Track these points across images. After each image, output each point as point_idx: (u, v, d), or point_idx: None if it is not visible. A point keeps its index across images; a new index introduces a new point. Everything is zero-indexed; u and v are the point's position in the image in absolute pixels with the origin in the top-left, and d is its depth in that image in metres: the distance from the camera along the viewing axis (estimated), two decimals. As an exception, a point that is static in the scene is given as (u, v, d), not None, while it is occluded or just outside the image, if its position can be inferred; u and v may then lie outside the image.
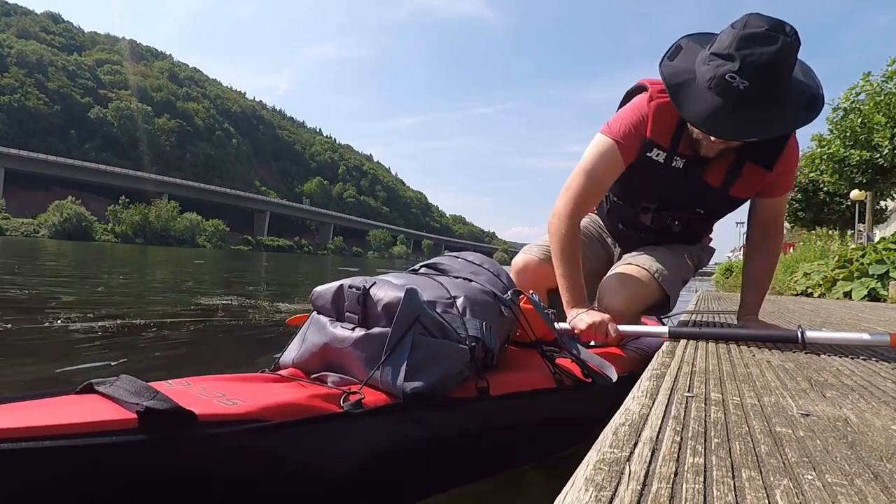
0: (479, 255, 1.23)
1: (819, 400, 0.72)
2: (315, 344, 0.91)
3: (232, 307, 4.18)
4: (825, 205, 13.64)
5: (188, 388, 0.74)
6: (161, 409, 0.60)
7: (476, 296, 1.00)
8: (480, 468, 1.00)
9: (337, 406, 0.77)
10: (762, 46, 0.96)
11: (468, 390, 0.92)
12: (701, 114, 1.01)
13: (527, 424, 1.05)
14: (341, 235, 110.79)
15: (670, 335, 1.26)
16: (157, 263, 12.66)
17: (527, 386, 1.03)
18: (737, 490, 0.40)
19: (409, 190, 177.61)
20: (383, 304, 0.86)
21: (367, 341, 0.86)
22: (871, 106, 8.32)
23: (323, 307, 0.95)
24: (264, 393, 0.75)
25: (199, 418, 0.63)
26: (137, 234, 59.94)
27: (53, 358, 2.03)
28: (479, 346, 0.92)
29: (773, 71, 0.97)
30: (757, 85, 0.96)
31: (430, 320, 0.87)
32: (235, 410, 0.67)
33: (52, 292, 4.56)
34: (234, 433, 0.64)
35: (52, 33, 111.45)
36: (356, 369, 0.86)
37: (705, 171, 1.23)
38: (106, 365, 2.00)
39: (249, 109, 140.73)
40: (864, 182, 9.53)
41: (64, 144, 79.44)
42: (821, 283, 5.99)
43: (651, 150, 1.20)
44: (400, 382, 0.81)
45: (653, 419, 0.57)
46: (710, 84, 1.00)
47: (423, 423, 0.84)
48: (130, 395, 0.62)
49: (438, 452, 0.89)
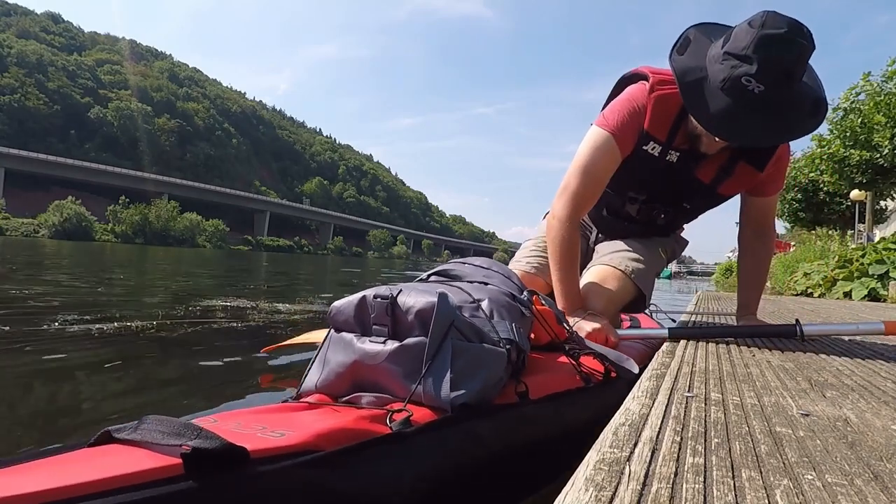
0: (485, 258, 1.20)
1: (819, 400, 0.72)
2: (342, 364, 0.84)
3: (231, 308, 4.18)
4: (825, 205, 13.64)
5: (218, 425, 0.66)
6: (210, 448, 0.52)
7: (498, 298, 0.97)
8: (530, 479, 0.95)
9: (385, 427, 0.71)
10: (781, 50, 0.93)
11: (508, 396, 0.88)
12: (714, 118, 0.99)
13: (565, 427, 1.00)
14: (341, 235, 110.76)
15: (670, 335, 1.26)
16: (157, 263, 12.66)
17: (561, 386, 1.00)
18: (737, 490, 0.40)
19: (409, 190, 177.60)
20: (415, 312, 0.81)
21: (404, 353, 0.80)
22: (871, 106, 8.32)
23: (345, 322, 0.88)
24: (304, 422, 0.69)
25: (252, 454, 0.56)
26: (137, 234, 59.95)
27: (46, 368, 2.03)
28: (514, 349, 0.89)
29: (789, 76, 0.95)
30: (772, 90, 0.94)
31: (465, 325, 0.84)
32: (286, 442, 0.61)
33: (51, 293, 4.56)
34: (291, 467, 0.58)
35: (52, 33, 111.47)
36: (394, 385, 0.80)
37: (698, 167, 1.21)
38: (99, 367, 2.00)
39: (249, 109, 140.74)
40: (864, 182, 9.53)
41: (64, 144, 79.45)
42: (821, 283, 5.99)
43: (647, 143, 1.17)
44: (446, 393, 0.76)
45: (653, 419, 0.58)
46: (724, 85, 0.96)
47: (473, 435, 0.79)
48: (166, 436, 0.54)
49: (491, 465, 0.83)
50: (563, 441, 1.00)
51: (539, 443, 0.94)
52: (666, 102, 1.13)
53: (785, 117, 0.99)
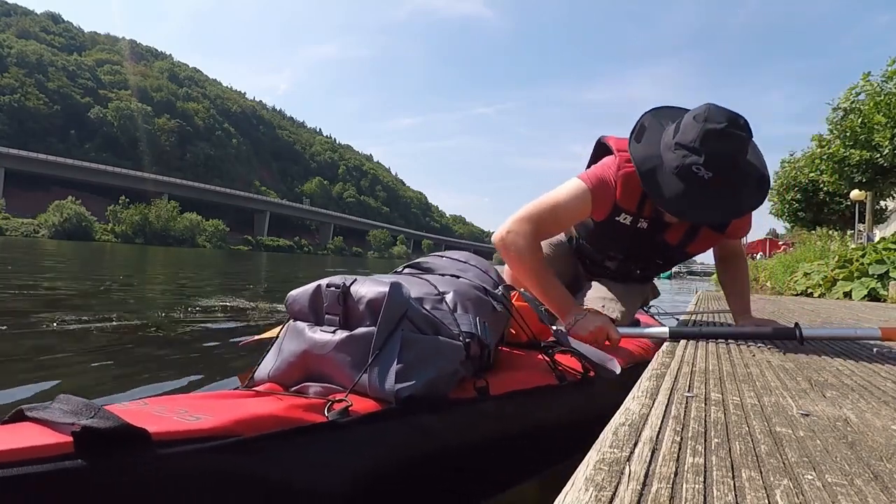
0: (466, 252, 1.18)
1: (819, 400, 0.72)
2: (293, 353, 0.82)
3: (230, 308, 4.18)
4: (825, 205, 13.63)
5: (144, 408, 0.64)
6: (102, 427, 0.50)
7: (466, 291, 0.94)
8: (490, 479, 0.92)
9: (321, 416, 0.69)
10: (723, 142, 1.07)
11: (466, 391, 0.85)
12: (670, 201, 1.12)
13: (532, 425, 0.98)
14: (341, 235, 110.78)
15: (670, 335, 1.26)
16: (156, 264, 12.65)
17: (528, 384, 0.97)
18: (737, 490, 0.40)
19: (409, 190, 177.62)
20: (366, 301, 0.79)
21: (351, 343, 0.78)
22: (871, 106, 8.31)
23: (300, 311, 0.86)
24: (235, 408, 0.66)
25: (154, 437, 0.53)
26: (137, 234, 59.96)
27: (35, 366, 2.02)
28: (475, 343, 0.86)
29: (732, 163, 1.10)
30: (719, 175, 1.08)
31: (418, 316, 0.82)
32: (199, 426, 0.58)
33: (49, 292, 4.56)
34: (199, 451, 0.56)
35: (52, 33, 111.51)
36: (341, 376, 0.78)
37: (666, 233, 1.34)
38: (85, 370, 2.00)
39: (249, 109, 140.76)
40: (864, 182, 9.53)
41: (64, 144, 79.48)
42: (821, 283, 5.99)
43: (619, 214, 1.29)
44: (391, 385, 0.74)
45: (653, 419, 0.57)
46: (677, 172, 1.11)
47: (420, 429, 0.77)
48: (66, 415, 0.52)
49: (441, 462, 0.81)
50: (528, 439, 0.97)
51: (501, 440, 0.91)
52: (633, 179, 1.22)
53: (732, 197, 1.13)
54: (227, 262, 17.78)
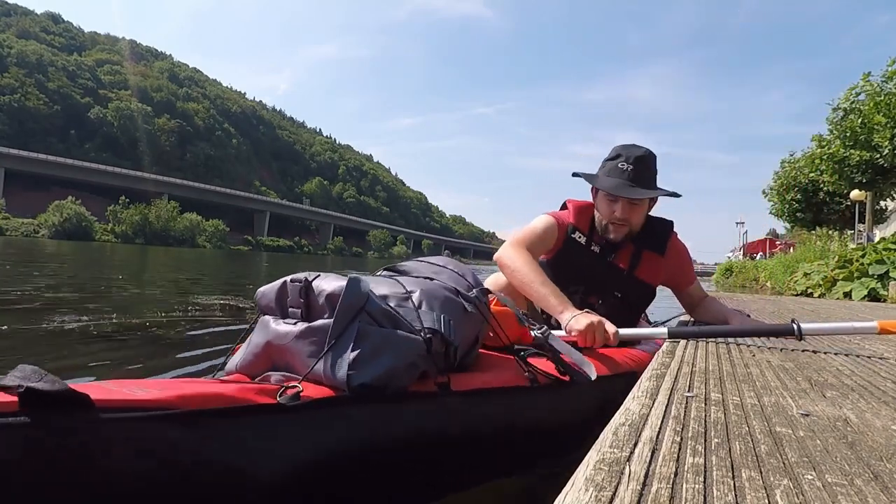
0: (445, 258, 1.19)
1: (819, 400, 0.72)
2: (257, 345, 0.87)
3: (229, 308, 4.18)
4: (825, 205, 13.64)
5: (96, 383, 0.67)
6: (46, 389, 0.54)
7: (434, 291, 0.95)
8: (447, 477, 0.92)
9: (272, 399, 0.71)
10: (632, 147, 1.53)
11: (427, 385, 0.87)
12: (605, 183, 1.51)
13: (496, 426, 0.98)
14: (341, 235, 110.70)
15: (670, 335, 1.26)
16: (157, 264, 12.65)
17: (494, 383, 0.97)
18: (737, 490, 0.40)
19: (409, 190, 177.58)
20: (326, 295, 0.83)
21: (310, 334, 0.82)
22: (872, 106, 8.32)
23: (268, 306, 0.90)
24: (184, 387, 0.68)
25: (97, 403, 0.57)
26: (137, 234, 59.91)
27: (38, 362, 2.02)
28: (437, 339, 0.87)
29: (644, 161, 1.49)
30: (635, 168, 1.48)
31: (378, 311, 0.84)
32: (142, 397, 0.61)
33: (48, 292, 4.56)
34: (138, 419, 0.59)
35: (52, 33, 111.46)
36: (300, 365, 0.82)
37: (616, 256, 1.58)
38: (93, 365, 2.00)
39: (249, 109, 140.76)
40: (864, 182, 9.54)
41: (64, 144, 79.44)
42: (821, 283, 6.00)
43: (574, 232, 1.59)
44: (342, 374, 0.76)
45: (653, 419, 0.57)
46: (608, 172, 1.52)
47: (370, 419, 0.78)
48: (19, 379, 0.56)
49: (394, 454, 0.82)
50: (491, 439, 0.97)
51: (461, 438, 0.92)
52: (583, 209, 1.61)
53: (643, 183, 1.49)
54: (227, 262, 17.78)
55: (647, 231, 1.59)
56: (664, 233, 1.61)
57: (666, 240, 1.61)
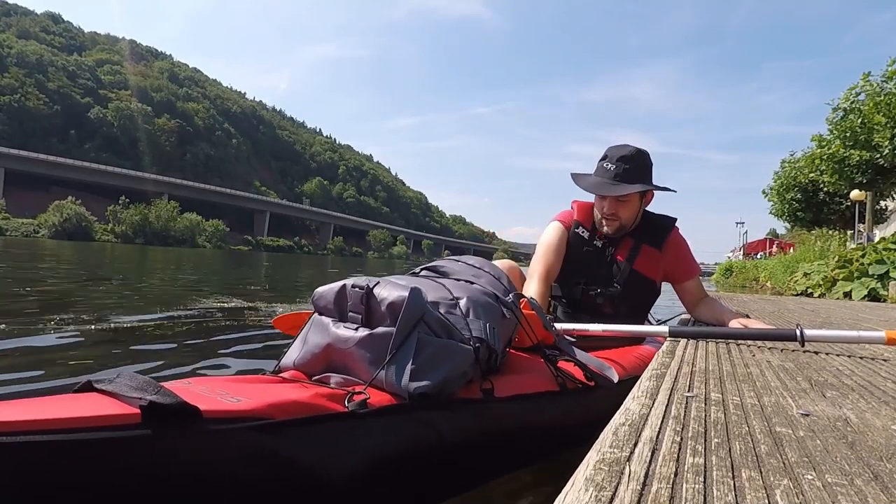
0: (479, 258, 1.24)
1: (819, 400, 0.72)
2: (317, 345, 0.90)
3: (230, 308, 4.18)
4: (825, 205, 13.64)
5: (189, 387, 0.73)
6: (165, 403, 0.59)
7: (478, 297, 1.00)
8: (485, 472, 0.98)
9: (341, 406, 0.76)
10: (618, 147, 1.61)
11: (473, 392, 0.91)
12: (584, 182, 1.63)
13: (531, 428, 1.04)
14: (341, 235, 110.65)
15: (670, 335, 1.26)
16: (157, 263, 12.66)
17: (531, 388, 1.02)
18: (737, 490, 0.40)
19: (409, 190, 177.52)
20: (388, 304, 0.86)
21: (372, 341, 0.85)
22: (871, 106, 8.32)
23: (325, 308, 0.94)
24: (267, 392, 0.74)
25: (204, 414, 0.61)
26: (137, 234, 59.87)
27: (49, 361, 2.03)
28: (484, 347, 0.92)
29: (627, 159, 1.57)
30: (618, 167, 1.57)
31: (434, 320, 0.87)
32: (240, 407, 0.66)
33: (50, 293, 4.56)
34: (239, 430, 0.64)
35: (52, 33, 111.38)
36: (360, 370, 0.86)
37: (616, 251, 1.66)
38: (103, 366, 2.00)
39: (249, 109, 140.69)
40: (864, 182, 9.54)
41: (64, 144, 79.39)
42: (821, 283, 6.00)
43: (578, 227, 1.71)
44: (405, 382, 0.80)
45: (653, 419, 0.58)
46: (596, 171, 1.63)
47: (428, 425, 0.83)
48: (133, 390, 0.60)
49: (444, 455, 0.87)
50: (527, 441, 1.03)
51: (501, 440, 0.97)
52: (585, 209, 1.73)
53: (627, 180, 1.57)
54: (227, 262, 17.79)
55: (647, 226, 1.66)
56: (665, 228, 1.68)
57: (666, 235, 1.66)
